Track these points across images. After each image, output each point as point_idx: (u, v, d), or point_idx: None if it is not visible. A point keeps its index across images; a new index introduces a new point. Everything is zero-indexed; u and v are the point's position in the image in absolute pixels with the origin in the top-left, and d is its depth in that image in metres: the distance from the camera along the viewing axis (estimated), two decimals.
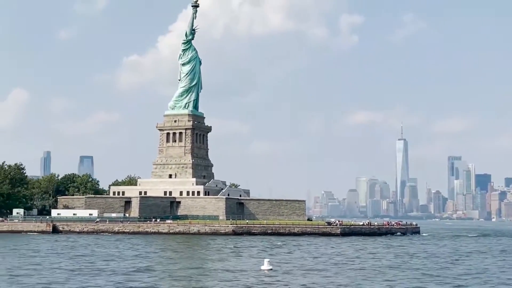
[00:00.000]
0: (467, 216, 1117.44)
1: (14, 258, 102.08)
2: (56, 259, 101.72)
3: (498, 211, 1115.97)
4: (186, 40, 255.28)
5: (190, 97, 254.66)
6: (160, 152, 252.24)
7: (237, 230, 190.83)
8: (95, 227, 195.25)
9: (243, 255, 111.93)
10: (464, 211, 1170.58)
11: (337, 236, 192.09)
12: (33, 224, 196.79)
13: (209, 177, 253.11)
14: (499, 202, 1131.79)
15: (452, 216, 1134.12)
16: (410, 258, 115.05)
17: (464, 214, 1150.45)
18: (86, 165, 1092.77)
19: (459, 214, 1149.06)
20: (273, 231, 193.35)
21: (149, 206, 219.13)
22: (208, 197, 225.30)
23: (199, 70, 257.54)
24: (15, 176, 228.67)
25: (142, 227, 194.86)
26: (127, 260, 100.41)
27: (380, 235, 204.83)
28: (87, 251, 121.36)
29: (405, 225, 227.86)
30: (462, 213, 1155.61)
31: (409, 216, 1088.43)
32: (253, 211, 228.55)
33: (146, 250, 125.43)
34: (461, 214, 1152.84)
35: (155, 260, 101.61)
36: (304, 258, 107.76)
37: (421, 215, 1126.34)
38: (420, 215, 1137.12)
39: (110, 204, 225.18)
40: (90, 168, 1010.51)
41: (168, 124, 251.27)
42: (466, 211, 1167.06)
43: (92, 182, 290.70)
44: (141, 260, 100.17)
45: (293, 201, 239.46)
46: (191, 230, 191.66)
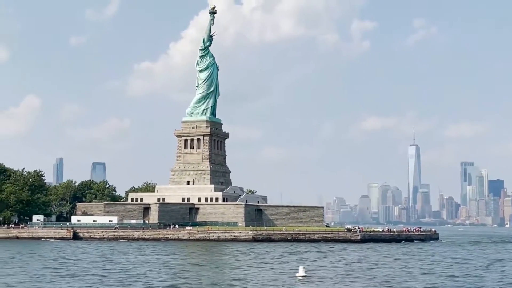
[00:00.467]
0: (480, 222, 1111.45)
1: (67, 266, 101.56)
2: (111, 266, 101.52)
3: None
4: (203, 47, 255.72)
5: (207, 103, 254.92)
6: (178, 158, 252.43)
7: (257, 236, 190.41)
8: (115, 234, 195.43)
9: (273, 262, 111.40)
10: (477, 217, 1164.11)
11: (357, 242, 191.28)
12: (54, 230, 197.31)
13: (227, 184, 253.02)
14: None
15: (465, 222, 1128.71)
16: (440, 263, 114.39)
17: (477, 220, 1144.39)
18: (98, 172, 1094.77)
19: (472, 220, 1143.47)
20: (293, 237, 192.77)
21: (168, 213, 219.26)
22: (227, 204, 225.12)
23: (216, 76, 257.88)
24: (34, 182, 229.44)
25: (162, 233, 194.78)
26: (171, 269, 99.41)
27: (399, 241, 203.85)
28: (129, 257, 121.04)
29: (424, 232, 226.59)
30: (475, 219, 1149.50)
31: (422, 222, 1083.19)
32: (272, 218, 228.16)
33: (176, 257, 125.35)
34: (474, 220, 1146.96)
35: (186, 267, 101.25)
36: (334, 264, 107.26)
37: (434, 221, 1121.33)
38: (432, 221, 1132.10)
39: (129, 211, 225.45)
40: (103, 174, 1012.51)
41: (186, 131, 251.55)
42: (479, 217, 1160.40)
43: (108, 188, 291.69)
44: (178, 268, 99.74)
45: (311, 207, 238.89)
46: (211, 237, 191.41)
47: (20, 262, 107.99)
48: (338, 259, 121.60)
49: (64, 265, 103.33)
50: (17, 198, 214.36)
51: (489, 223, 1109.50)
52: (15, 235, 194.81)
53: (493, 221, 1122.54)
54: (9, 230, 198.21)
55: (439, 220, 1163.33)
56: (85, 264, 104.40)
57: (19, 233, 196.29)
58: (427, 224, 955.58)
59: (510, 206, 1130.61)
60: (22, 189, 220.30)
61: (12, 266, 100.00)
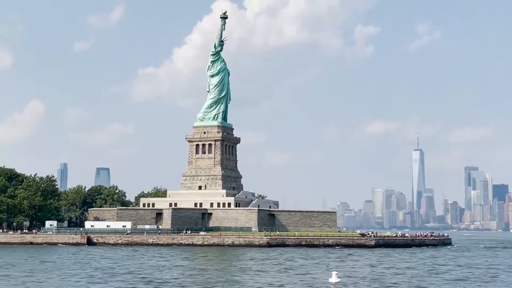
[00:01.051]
0: (484, 227, 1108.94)
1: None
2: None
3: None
4: (214, 52, 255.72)
5: (219, 108, 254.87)
6: (190, 163, 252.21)
7: (271, 242, 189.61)
8: (129, 239, 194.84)
9: (299, 268, 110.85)
10: (481, 222, 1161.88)
11: (372, 247, 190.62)
12: (68, 236, 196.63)
13: (238, 189, 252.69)
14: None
15: (469, 227, 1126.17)
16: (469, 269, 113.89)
17: (482, 225, 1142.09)
18: (102, 177, 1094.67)
19: (477, 225, 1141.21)
20: (307, 242, 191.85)
21: (181, 218, 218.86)
22: (240, 209, 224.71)
23: (227, 81, 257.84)
24: (47, 188, 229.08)
25: (176, 239, 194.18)
26: (204, 275, 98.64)
27: (413, 246, 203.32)
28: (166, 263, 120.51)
29: (438, 237, 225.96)
30: (480, 224, 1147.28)
31: (426, 227, 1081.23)
32: (284, 223, 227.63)
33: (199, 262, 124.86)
34: (478, 225, 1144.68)
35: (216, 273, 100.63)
36: (363, 269, 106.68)
37: (438, 226, 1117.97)
38: (437, 226, 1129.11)
39: (141, 216, 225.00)
40: (107, 179, 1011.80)
41: (198, 136, 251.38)
42: (484, 222, 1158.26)
43: (118, 194, 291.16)
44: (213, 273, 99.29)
45: (324, 212, 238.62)
46: (225, 242, 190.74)
47: (63, 269, 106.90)
48: (361, 264, 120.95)
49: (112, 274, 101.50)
50: (30, 203, 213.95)
51: (493, 228, 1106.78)
52: (29, 240, 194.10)
53: (498, 226, 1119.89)
54: (23, 235, 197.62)
55: (444, 225, 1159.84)
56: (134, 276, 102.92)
57: (33, 238, 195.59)
58: (431, 229, 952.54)
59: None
60: (34, 194, 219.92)
61: (54, 274, 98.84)
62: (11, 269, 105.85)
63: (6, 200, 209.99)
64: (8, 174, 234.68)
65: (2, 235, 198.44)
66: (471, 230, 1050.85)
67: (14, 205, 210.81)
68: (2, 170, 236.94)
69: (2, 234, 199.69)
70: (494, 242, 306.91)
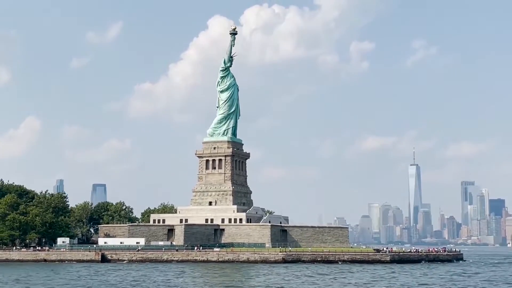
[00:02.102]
0: (482, 242, 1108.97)
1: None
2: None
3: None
4: (224, 68, 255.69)
5: (228, 124, 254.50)
6: (200, 179, 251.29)
7: (287, 258, 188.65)
8: (143, 256, 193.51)
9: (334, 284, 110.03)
10: (478, 237, 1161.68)
11: (387, 263, 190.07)
12: (82, 253, 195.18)
13: (249, 204, 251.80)
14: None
15: (466, 242, 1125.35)
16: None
17: (479, 240, 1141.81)
18: (99, 193, 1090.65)
19: (474, 240, 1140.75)
20: (323, 258, 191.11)
21: (194, 234, 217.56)
22: (253, 225, 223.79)
23: (237, 97, 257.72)
24: (58, 205, 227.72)
25: (191, 255, 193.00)
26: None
27: (428, 261, 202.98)
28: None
29: (451, 252, 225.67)
30: (477, 239, 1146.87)
31: (424, 242, 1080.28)
32: (296, 238, 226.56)
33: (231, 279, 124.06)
34: (476, 240, 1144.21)
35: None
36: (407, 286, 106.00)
37: (436, 241, 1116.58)
38: (434, 241, 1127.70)
39: (153, 232, 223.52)
40: (103, 196, 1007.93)
41: (208, 151, 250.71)
42: (481, 237, 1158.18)
43: (125, 210, 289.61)
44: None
45: (336, 228, 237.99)
46: (240, 258, 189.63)
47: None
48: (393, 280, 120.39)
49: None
50: (42, 220, 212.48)
51: (491, 242, 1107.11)
52: (43, 257, 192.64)
53: (495, 241, 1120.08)
54: (37, 253, 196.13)
55: (441, 240, 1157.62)
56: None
57: (47, 255, 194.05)
58: (429, 244, 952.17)
59: (511, 225, 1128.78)
60: (46, 211, 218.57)
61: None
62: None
63: (19, 217, 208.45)
64: (18, 190, 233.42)
65: (16, 252, 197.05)
66: (468, 245, 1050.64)
67: (26, 222, 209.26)
68: (12, 187, 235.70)
69: (15, 251, 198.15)
70: (502, 256, 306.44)
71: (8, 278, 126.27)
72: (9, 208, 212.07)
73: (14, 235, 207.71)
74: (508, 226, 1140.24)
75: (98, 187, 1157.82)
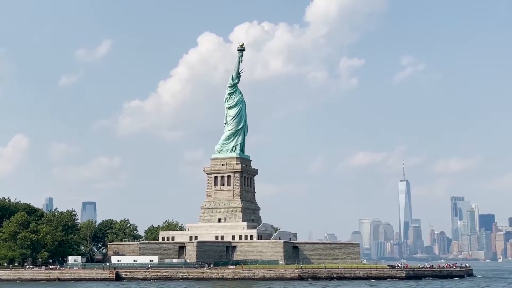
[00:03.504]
0: (472, 257, 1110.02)
1: None
2: None
3: (504, 252, 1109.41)
4: (232, 84, 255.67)
5: (237, 140, 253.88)
6: (208, 196, 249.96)
7: (303, 274, 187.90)
8: (158, 274, 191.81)
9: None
10: (469, 252, 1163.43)
11: (402, 279, 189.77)
12: (96, 271, 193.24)
13: (257, 221, 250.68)
14: (505, 243, 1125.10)
15: (457, 257, 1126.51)
16: None
17: (470, 255, 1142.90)
18: (89, 211, 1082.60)
19: (465, 255, 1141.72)
20: (338, 275, 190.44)
21: (206, 252, 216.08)
22: (265, 241, 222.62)
23: (245, 113, 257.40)
24: (67, 223, 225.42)
25: (206, 273, 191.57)
26: None
27: (442, 277, 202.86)
28: None
29: (464, 268, 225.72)
30: (468, 254, 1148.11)
31: (414, 257, 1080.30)
32: (308, 255, 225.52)
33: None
34: (466, 255, 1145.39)
35: None
36: None
37: (427, 257, 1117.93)
38: (425, 256, 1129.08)
39: (164, 250, 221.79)
40: (93, 214, 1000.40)
41: (216, 168, 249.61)
42: (472, 252, 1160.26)
43: (130, 228, 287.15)
44: None
45: (347, 244, 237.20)
46: (256, 275, 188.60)
47: None
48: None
49: None
50: (52, 238, 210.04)
51: (481, 257, 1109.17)
52: (57, 276, 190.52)
53: (486, 256, 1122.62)
54: (50, 271, 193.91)
55: (432, 256, 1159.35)
56: None
57: (60, 274, 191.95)
58: (419, 259, 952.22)
59: (502, 240, 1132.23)
60: (56, 229, 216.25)
61: None
62: None
63: (30, 235, 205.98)
64: (26, 208, 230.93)
65: (29, 271, 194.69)
66: (459, 260, 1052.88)
67: (37, 240, 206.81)
68: (20, 205, 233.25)
69: (28, 270, 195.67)
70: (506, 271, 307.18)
71: None
72: (19, 227, 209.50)
73: (25, 254, 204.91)
74: (498, 241, 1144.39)
75: (88, 204, 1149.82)
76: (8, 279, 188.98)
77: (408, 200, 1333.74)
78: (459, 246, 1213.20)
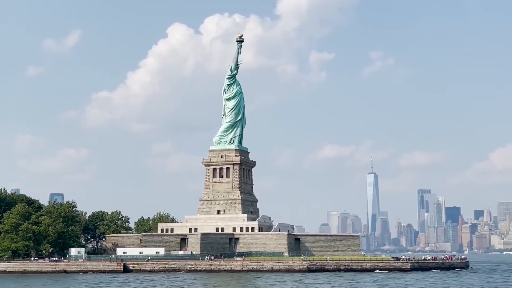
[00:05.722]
0: (439, 249, 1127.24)
1: None
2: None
3: (470, 244, 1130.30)
4: (230, 75, 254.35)
5: (235, 132, 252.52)
6: (207, 187, 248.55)
7: (311, 266, 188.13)
8: (166, 266, 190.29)
9: None
10: (436, 244, 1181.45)
11: (408, 271, 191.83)
12: (103, 263, 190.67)
13: (256, 213, 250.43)
14: (470, 235, 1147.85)
15: (424, 249, 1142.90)
16: None
17: (436, 247, 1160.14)
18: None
19: (432, 247, 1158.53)
20: (346, 267, 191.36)
21: (210, 243, 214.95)
22: (269, 233, 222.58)
23: (243, 105, 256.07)
24: (67, 214, 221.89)
25: (215, 264, 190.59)
26: None
27: (445, 269, 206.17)
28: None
29: (464, 260, 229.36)
30: (435, 246, 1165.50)
31: (382, 249, 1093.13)
32: (309, 247, 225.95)
33: None
34: (433, 247, 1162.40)
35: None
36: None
37: (394, 249, 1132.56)
38: (392, 248, 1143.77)
39: (166, 242, 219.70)
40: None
41: (215, 160, 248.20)
42: (438, 244, 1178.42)
43: (122, 219, 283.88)
44: None
45: (347, 236, 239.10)
46: (264, 267, 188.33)
47: None
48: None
49: None
50: (55, 230, 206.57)
51: (448, 249, 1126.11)
52: (63, 268, 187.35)
53: (452, 248, 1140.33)
54: (56, 263, 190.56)
55: (399, 248, 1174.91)
56: None
57: (67, 266, 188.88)
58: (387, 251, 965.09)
59: (468, 232, 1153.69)
60: (56, 220, 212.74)
61: None
62: None
63: (32, 227, 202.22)
64: (23, 200, 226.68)
65: (34, 263, 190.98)
66: (426, 252, 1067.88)
67: (39, 232, 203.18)
68: (17, 197, 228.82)
69: (33, 262, 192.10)
70: (494, 264, 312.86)
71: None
72: (21, 218, 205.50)
73: (28, 246, 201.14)
74: (464, 234, 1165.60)
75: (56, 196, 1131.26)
76: (13, 271, 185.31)
77: (375, 193, 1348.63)
78: (425, 238, 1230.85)
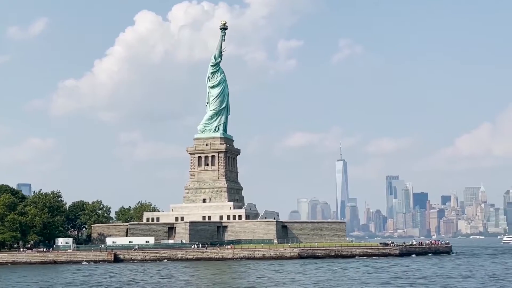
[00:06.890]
0: (407, 235, 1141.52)
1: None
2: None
3: (437, 229, 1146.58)
4: (214, 63, 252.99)
5: (220, 120, 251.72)
6: (192, 176, 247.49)
7: (302, 253, 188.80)
8: (157, 255, 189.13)
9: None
10: (404, 230, 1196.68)
11: (396, 256, 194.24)
12: (93, 253, 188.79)
13: (241, 201, 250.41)
14: (438, 220, 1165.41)
15: (393, 235, 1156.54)
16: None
17: (405, 232, 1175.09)
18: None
19: (400, 233, 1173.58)
20: (336, 253, 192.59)
21: (198, 232, 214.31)
22: (257, 221, 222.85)
23: (227, 92, 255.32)
24: (53, 204, 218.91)
25: (206, 253, 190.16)
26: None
27: (431, 253, 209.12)
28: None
29: (447, 245, 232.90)
30: (403, 232, 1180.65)
31: (352, 235, 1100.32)
32: (297, 234, 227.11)
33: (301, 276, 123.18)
34: (402, 232, 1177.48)
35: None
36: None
37: (363, 235, 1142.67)
38: (362, 234, 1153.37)
39: (153, 231, 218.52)
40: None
41: (200, 148, 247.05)
42: (407, 230, 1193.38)
43: (103, 209, 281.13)
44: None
45: (333, 223, 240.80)
46: (255, 255, 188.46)
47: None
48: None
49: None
50: (40, 220, 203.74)
51: (416, 235, 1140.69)
52: (53, 259, 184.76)
53: (420, 233, 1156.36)
54: (46, 254, 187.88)
55: (368, 233, 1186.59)
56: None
57: (57, 257, 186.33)
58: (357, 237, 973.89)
59: (435, 218, 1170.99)
60: (42, 210, 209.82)
61: None
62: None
63: (18, 217, 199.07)
64: (7, 190, 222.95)
65: (23, 254, 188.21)
66: (395, 238, 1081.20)
67: (26, 222, 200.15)
68: (1, 187, 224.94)
69: (22, 253, 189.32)
70: (478, 247, 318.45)
71: (54, 281, 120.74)
72: (7, 209, 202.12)
73: (16, 237, 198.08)
74: (432, 219, 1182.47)
75: (23, 186, 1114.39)
76: (1, 263, 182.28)
77: (344, 180, 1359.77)
78: (394, 224, 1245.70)
